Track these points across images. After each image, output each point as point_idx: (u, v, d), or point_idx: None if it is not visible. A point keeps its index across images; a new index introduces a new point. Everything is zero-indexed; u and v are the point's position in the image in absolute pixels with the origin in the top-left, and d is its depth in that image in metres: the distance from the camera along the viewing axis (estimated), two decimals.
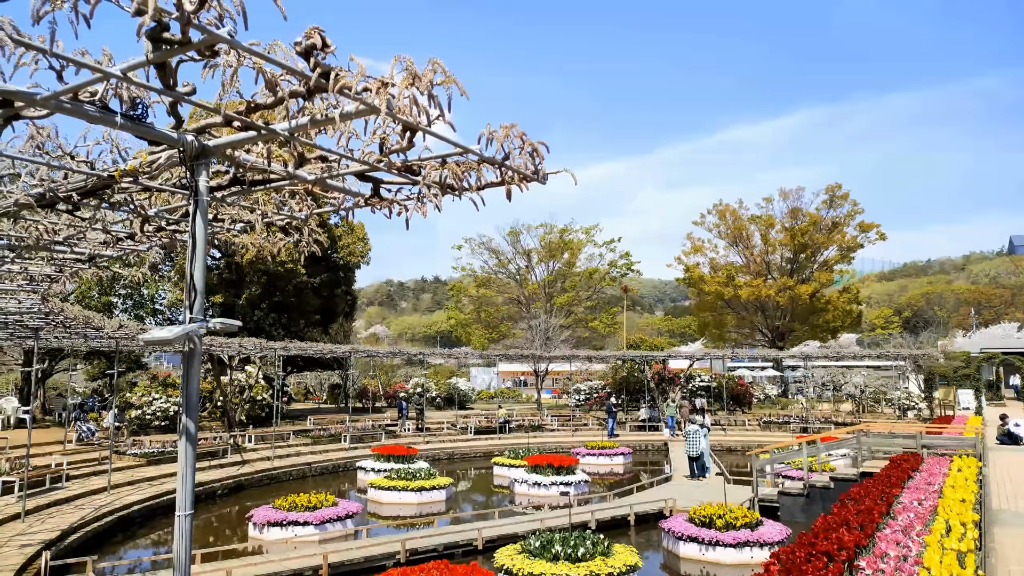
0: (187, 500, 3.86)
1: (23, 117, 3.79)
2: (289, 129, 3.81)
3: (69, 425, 27.39)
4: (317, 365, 46.44)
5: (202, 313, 4.06)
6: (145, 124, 3.82)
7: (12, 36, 2.69)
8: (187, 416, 3.95)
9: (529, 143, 4.28)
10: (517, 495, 21.58)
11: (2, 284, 10.65)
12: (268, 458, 25.53)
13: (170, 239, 6.77)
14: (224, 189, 5.10)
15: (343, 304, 44.60)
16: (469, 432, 34.87)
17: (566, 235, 57.51)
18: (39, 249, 7.09)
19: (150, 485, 20.13)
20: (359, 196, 5.18)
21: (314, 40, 3.00)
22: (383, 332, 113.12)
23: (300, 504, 15.77)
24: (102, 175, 4.66)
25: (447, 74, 3.32)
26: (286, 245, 6.71)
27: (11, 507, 15.67)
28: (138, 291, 38.01)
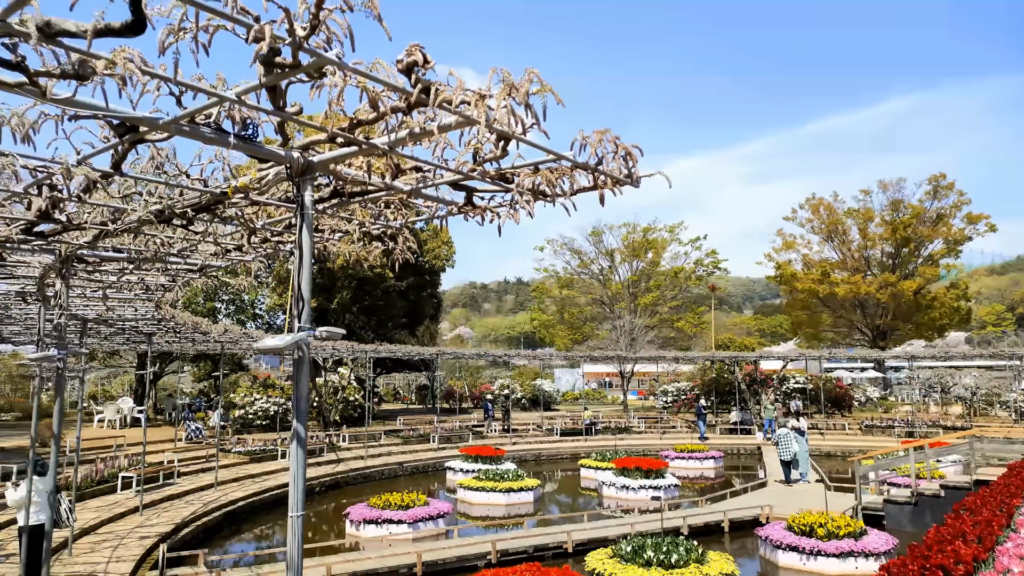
0: (299, 501, 4.03)
1: (146, 140, 4.06)
2: (389, 143, 3.93)
3: (179, 424, 29.15)
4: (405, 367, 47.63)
5: (309, 322, 4.23)
6: (256, 143, 4.02)
7: (141, 68, 2.89)
8: (297, 420, 4.13)
9: (623, 147, 4.25)
10: (605, 498, 21.41)
11: (121, 294, 11.46)
12: (361, 457, 26.33)
13: (274, 249, 7.10)
14: (325, 202, 5.30)
15: (429, 307, 45.58)
16: (555, 434, 34.86)
17: (649, 234, 56.67)
18: (156, 261, 7.59)
19: (253, 482, 21.13)
20: (453, 204, 5.28)
21: (415, 57, 3.08)
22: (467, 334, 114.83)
23: (394, 503, 16.19)
24: (215, 192, 4.94)
25: (543, 83, 3.34)
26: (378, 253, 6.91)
27: (131, 501, 16.80)
28: (239, 297, 40.00)
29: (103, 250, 7.16)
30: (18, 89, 3.09)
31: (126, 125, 3.73)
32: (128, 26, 2.60)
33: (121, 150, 4.14)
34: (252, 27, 2.72)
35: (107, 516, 15.27)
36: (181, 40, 2.92)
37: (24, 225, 6.23)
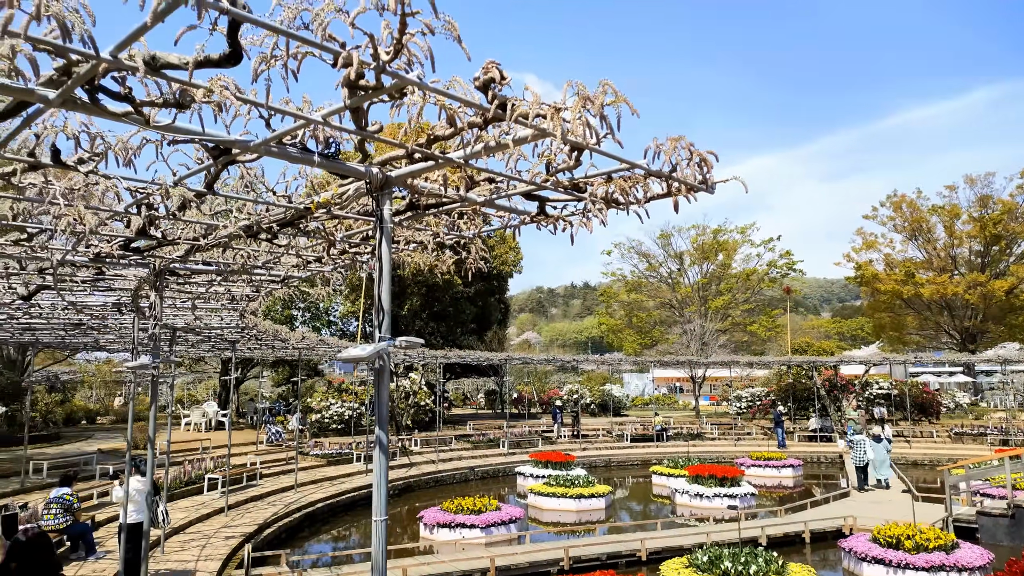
0: (382, 506, 4.16)
1: (237, 161, 4.28)
2: (464, 157, 4.02)
3: (260, 428, 30.29)
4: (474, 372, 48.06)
5: (389, 332, 4.36)
6: (338, 161, 4.18)
7: (235, 94, 3.06)
8: (379, 427, 4.26)
9: (697, 153, 4.21)
10: (678, 506, 21.05)
11: (208, 304, 12.03)
12: (433, 461, 26.74)
13: (351, 260, 7.33)
14: (401, 214, 5.45)
15: (497, 312, 45.93)
16: (625, 439, 34.51)
17: (720, 235, 55.47)
18: (242, 273, 7.95)
19: (331, 484, 21.76)
20: (525, 214, 5.34)
21: (492, 74, 3.15)
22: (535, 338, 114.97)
23: (466, 507, 16.38)
24: (299, 208, 5.15)
25: (618, 94, 3.36)
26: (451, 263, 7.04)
27: (216, 502, 17.57)
28: (315, 304, 41.27)
29: (193, 263, 7.56)
30: (124, 118, 3.32)
31: (220, 148, 3.95)
32: (226, 57, 2.76)
33: (214, 171, 4.39)
34: (339, 53, 2.84)
35: (195, 516, 16.01)
36: (272, 67, 3.08)
37: (122, 241, 6.65)
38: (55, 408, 32.84)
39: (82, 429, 34.43)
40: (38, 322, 14.22)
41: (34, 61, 2.89)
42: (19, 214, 5.91)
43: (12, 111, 3.38)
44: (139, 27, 2.50)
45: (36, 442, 24.96)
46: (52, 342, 21.05)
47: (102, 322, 14.14)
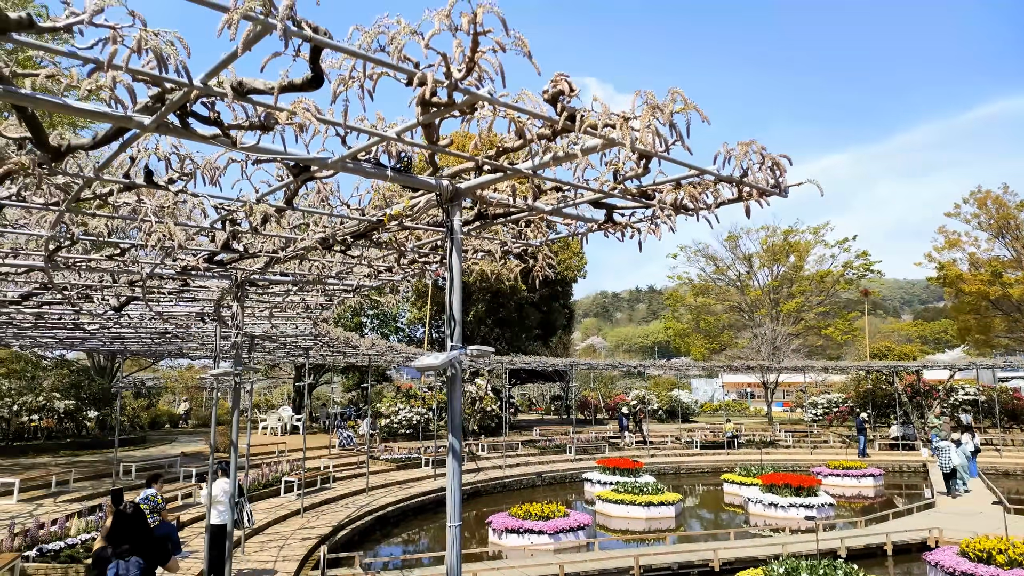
0: (456, 512, 4.24)
1: (315, 178, 4.46)
2: (533, 168, 4.07)
3: (332, 432, 31.12)
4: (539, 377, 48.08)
5: (461, 341, 4.44)
6: (410, 175, 4.30)
7: (315, 116, 3.20)
8: (452, 435, 4.34)
9: (769, 157, 4.14)
10: (752, 516, 20.52)
11: (284, 313, 12.47)
12: (500, 466, 26.87)
13: (420, 269, 7.49)
14: (470, 224, 5.55)
15: (561, 318, 45.84)
16: (694, 446, 33.86)
17: (791, 236, 53.81)
18: (317, 283, 8.22)
19: (400, 488, 22.16)
20: (592, 222, 5.35)
21: (561, 87, 3.19)
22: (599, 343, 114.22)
23: (534, 513, 16.40)
24: (372, 220, 5.31)
25: (687, 102, 3.34)
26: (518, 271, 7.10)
27: (293, 504, 18.13)
28: (382, 311, 42.16)
29: (272, 275, 7.87)
30: (213, 140, 3.51)
31: (300, 166, 4.13)
32: (309, 81, 2.90)
33: (293, 187, 4.58)
34: (413, 73, 2.94)
35: (273, 518, 16.56)
36: (349, 88, 3.20)
37: (207, 254, 6.99)
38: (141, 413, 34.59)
39: (165, 433, 36.13)
40: (127, 331, 15.02)
41: (132, 90, 3.10)
42: (113, 231, 6.29)
43: (111, 136, 3.62)
44: (229, 55, 2.65)
45: (124, 445, 26.31)
46: (139, 350, 22.22)
47: (186, 331, 14.83)
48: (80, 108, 3.17)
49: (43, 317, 11.98)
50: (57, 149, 3.71)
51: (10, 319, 12.15)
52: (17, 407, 25.13)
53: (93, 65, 2.72)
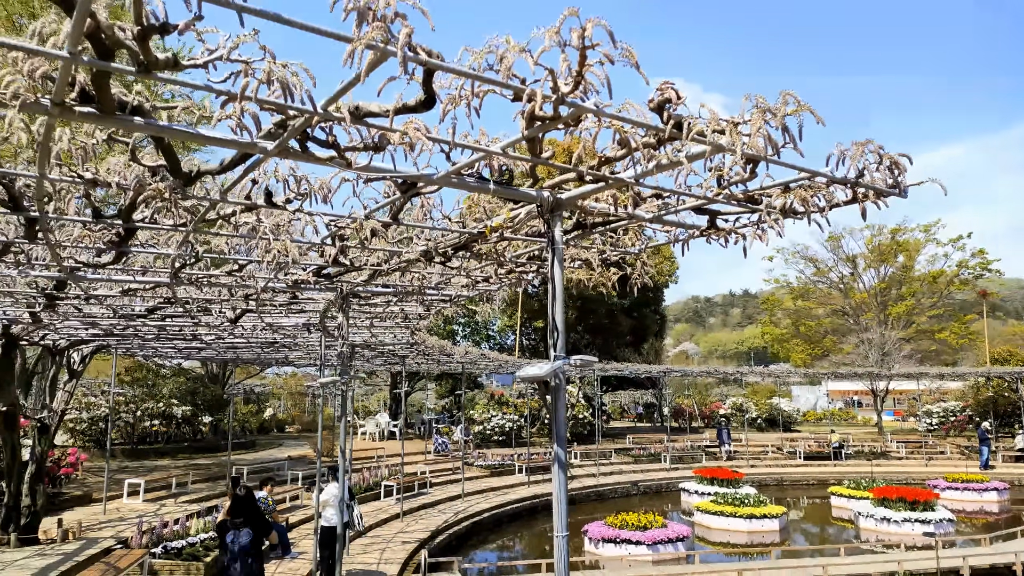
0: (563, 522, 4.24)
1: (420, 193, 4.60)
2: (636, 176, 4.04)
3: (428, 438, 31.80)
4: (631, 384, 47.43)
5: (564, 351, 4.46)
6: (512, 187, 4.36)
7: (426, 135, 3.30)
8: (557, 444, 4.36)
9: (887, 157, 3.95)
10: (862, 531, 19.48)
11: (384, 322, 12.88)
12: (593, 475, 26.67)
13: (518, 279, 7.56)
14: (569, 233, 5.57)
15: (653, 323, 45.16)
16: (798, 457, 32.48)
17: (899, 235, 50.80)
18: (416, 294, 8.45)
19: (495, 495, 22.37)
20: (694, 228, 5.26)
21: (668, 95, 3.17)
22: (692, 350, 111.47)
23: (631, 523, 16.18)
24: (472, 233, 5.42)
25: (800, 103, 3.24)
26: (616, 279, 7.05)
27: (392, 508, 18.64)
28: (474, 319, 42.78)
29: (374, 286, 8.15)
30: (329, 162, 3.68)
31: (407, 182, 4.27)
32: (422, 103, 3.00)
33: (400, 203, 4.74)
34: (521, 89, 2.99)
35: (374, 521, 17.07)
36: (457, 106, 3.29)
37: (315, 268, 7.32)
38: (250, 418, 36.46)
39: (273, 437, 37.94)
40: (239, 341, 15.91)
41: (257, 118, 3.30)
42: (232, 248, 6.70)
43: (237, 161, 3.87)
44: (349, 81, 2.78)
45: (236, 449, 27.80)
46: (250, 358, 23.47)
47: (293, 340, 15.55)
48: (211, 136, 3.40)
49: (165, 329, 12.87)
50: (188, 175, 4.00)
51: (136, 331, 13.11)
52: (140, 412, 27.04)
53: (225, 97, 2.91)
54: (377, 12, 2.41)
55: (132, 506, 16.73)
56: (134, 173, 3.98)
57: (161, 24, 2.37)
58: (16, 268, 7.02)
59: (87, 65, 2.66)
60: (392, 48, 2.45)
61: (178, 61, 2.58)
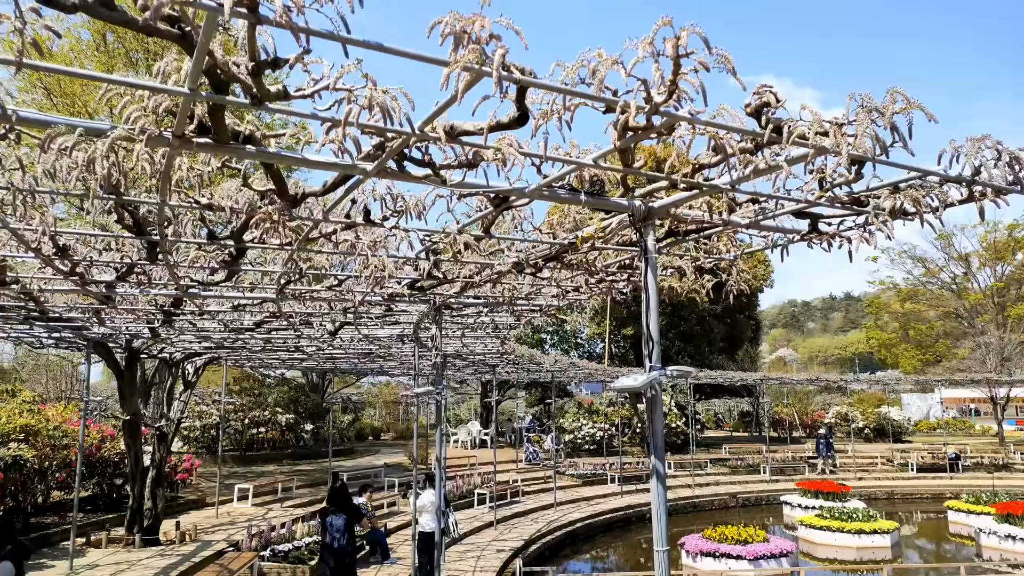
0: (663, 535, 4.17)
1: (512, 206, 4.65)
2: (732, 182, 3.95)
3: (519, 447, 31.93)
4: (725, 392, 46.05)
5: (660, 361, 4.39)
6: (603, 197, 4.35)
7: (518, 150, 3.35)
8: (655, 456, 4.29)
9: (1007, 152, 3.69)
10: (984, 548, 18.09)
11: (475, 332, 13.06)
12: (689, 486, 26.02)
13: (608, 288, 7.51)
14: (661, 241, 5.48)
15: (747, 329, 43.69)
16: (909, 469, 30.58)
17: (1017, 231, 47.12)
18: (507, 305, 8.54)
19: (588, 504, 22.19)
20: (794, 232, 5.07)
21: (766, 99, 3.08)
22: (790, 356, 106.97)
23: (730, 536, 15.67)
24: (563, 243, 5.43)
25: (910, 101, 3.08)
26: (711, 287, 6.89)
27: (486, 516, 18.81)
28: (562, 327, 42.70)
29: (466, 298, 8.29)
30: (424, 180, 3.79)
31: (499, 196, 4.33)
32: (515, 120, 3.05)
33: (492, 216, 4.81)
34: (613, 101, 2.99)
35: (468, 529, 17.27)
36: (548, 120, 3.32)
37: (410, 281, 7.52)
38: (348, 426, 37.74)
39: (369, 444, 39.10)
40: (338, 352, 16.52)
41: (357, 141, 3.44)
42: (333, 264, 6.98)
43: (339, 183, 4.04)
44: (445, 102, 2.86)
45: (335, 456, 28.83)
46: (347, 368, 24.32)
47: (387, 351, 16.01)
48: (315, 161, 3.57)
49: (270, 341, 13.53)
50: (294, 197, 4.21)
51: (244, 343, 13.84)
52: (247, 420, 28.49)
53: (330, 123, 3.05)
54: (472, 35, 2.47)
55: (242, 510, 17.62)
56: (245, 197, 4.22)
57: (272, 59, 2.52)
58: (138, 287, 7.57)
59: (205, 100, 2.85)
60: (487, 69, 2.50)
61: (288, 92, 2.73)
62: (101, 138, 3.19)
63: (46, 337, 12.57)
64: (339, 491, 10.86)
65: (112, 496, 15.95)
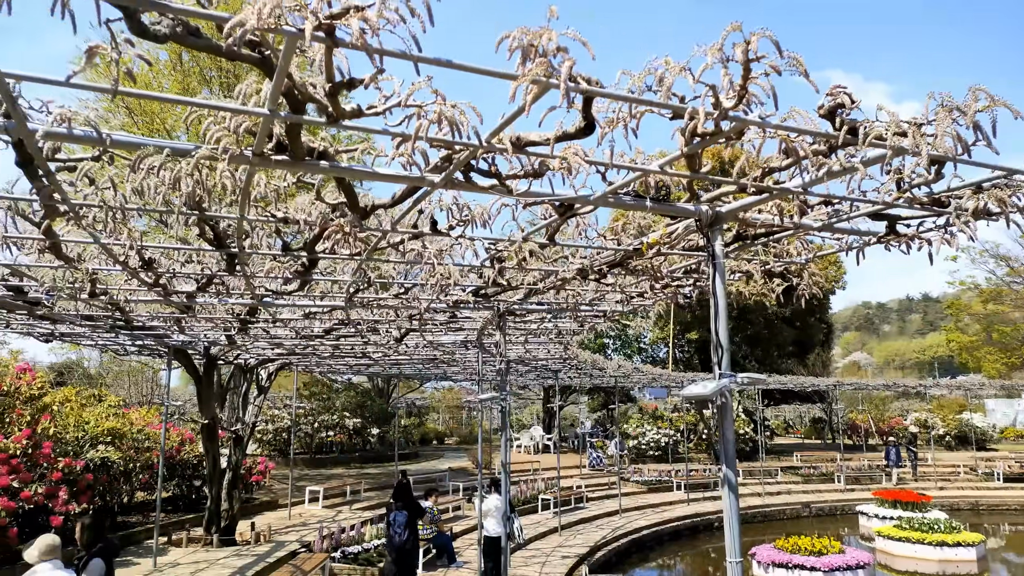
0: (735, 547, 4.09)
1: (576, 214, 4.66)
2: (803, 185, 3.86)
3: (582, 452, 31.76)
4: (795, 398, 44.64)
5: (730, 368, 4.31)
6: (668, 203, 4.31)
7: (584, 158, 3.36)
8: (727, 466, 4.21)
9: None
10: None
11: (537, 338, 13.08)
12: (758, 494, 25.35)
13: (674, 293, 7.42)
14: (728, 246, 5.39)
15: (818, 333, 42.31)
16: (995, 479, 29.01)
17: None
18: (570, 310, 8.53)
19: (653, 512, 21.88)
20: (870, 235, 4.91)
21: (840, 100, 3.00)
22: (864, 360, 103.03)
23: (803, 547, 15.19)
24: (627, 250, 5.40)
25: (993, 99, 2.95)
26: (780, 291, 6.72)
27: (550, 521, 18.78)
28: (625, 332, 42.29)
29: (530, 304, 8.32)
30: (490, 190, 3.84)
31: (565, 204, 4.35)
32: (581, 130, 3.07)
33: (556, 224, 4.83)
34: (681, 108, 2.97)
35: (533, 534, 17.27)
36: (614, 128, 3.32)
37: (474, 289, 7.61)
38: (413, 430, 38.31)
39: (434, 448, 39.58)
40: (403, 358, 16.82)
41: (425, 154, 3.51)
42: (400, 273, 7.13)
43: (407, 195, 4.13)
44: (513, 113, 2.90)
45: (401, 459, 29.34)
46: (411, 374, 24.72)
47: (451, 356, 16.20)
48: (384, 174, 3.66)
49: (339, 347, 13.88)
50: (364, 209, 4.33)
51: (314, 350, 14.24)
52: (317, 424, 29.27)
53: (400, 138, 3.13)
54: (539, 48, 2.49)
55: (312, 512, 18.10)
56: (318, 210, 4.37)
57: (348, 80, 2.60)
58: (216, 297, 7.90)
59: (283, 119, 2.97)
60: (555, 81, 2.52)
61: (361, 110, 2.82)
62: (186, 158, 3.36)
63: (130, 344, 13.24)
64: (403, 488, 11.43)
65: (191, 497, 16.64)
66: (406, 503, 11.08)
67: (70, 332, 10.91)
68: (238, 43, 2.23)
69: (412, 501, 11.26)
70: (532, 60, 2.50)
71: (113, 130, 3.57)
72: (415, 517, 11.15)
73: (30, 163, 3.58)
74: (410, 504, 11.13)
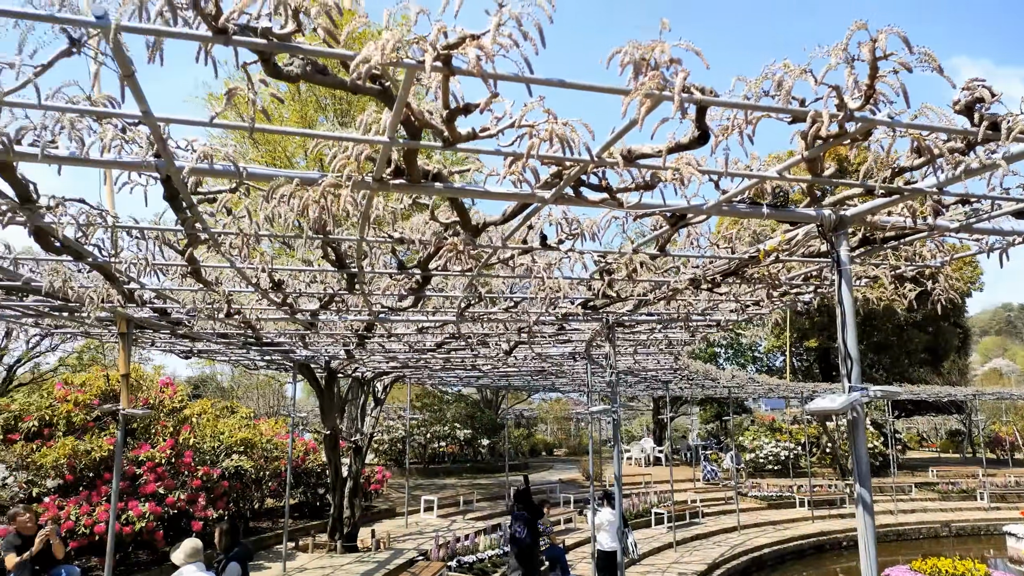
0: (872, 569, 3.85)
1: (688, 223, 4.57)
2: (938, 184, 3.61)
3: (694, 465, 30.84)
4: (929, 409, 41.48)
5: (860, 380, 4.08)
6: (786, 209, 4.14)
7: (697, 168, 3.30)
8: (861, 485, 3.98)
9: None
10: None
11: (647, 349, 12.87)
12: (890, 512, 23.69)
13: (792, 301, 7.11)
14: (854, 250, 5.11)
15: (953, 338, 39.20)
16: None
17: None
18: (681, 321, 8.34)
19: (775, 529, 20.90)
20: (1016, 235, 4.51)
21: (978, 95, 2.80)
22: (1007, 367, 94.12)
23: (944, 570, 14.04)
24: (743, 258, 5.23)
25: None
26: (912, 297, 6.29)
27: (664, 536, 18.33)
28: (738, 340, 40.83)
29: (639, 315, 8.21)
30: (600, 204, 3.83)
31: (676, 215, 4.28)
32: (695, 140, 3.01)
33: (667, 234, 4.75)
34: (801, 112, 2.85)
35: (647, 549, 16.91)
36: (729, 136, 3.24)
37: (582, 301, 7.59)
38: (522, 441, 38.52)
39: (543, 459, 39.62)
40: (512, 370, 16.99)
41: (535, 171, 3.56)
42: (509, 287, 7.23)
43: (517, 211, 4.20)
44: (624, 127, 2.88)
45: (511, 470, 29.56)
46: (520, 385, 24.92)
47: (559, 368, 16.21)
48: (497, 192, 3.74)
49: (450, 360, 14.21)
50: (476, 227, 4.43)
51: (427, 363, 14.65)
52: (429, 435, 30.03)
53: (512, 157, 3.19)
54: (651, 61, 2.48)
55: (428, 520, 18.56)
56: (432, 230, 4.51)
57: (464, 106, 2.69)
58: (337, 314, 8.29)
59: (401, 146, 3.10)
60: (668, 93, 2.50)
61: (476, 133, 2.90)
62: (313, 186, 3.57)
63: (260, 359, 14.11)
64: (523, 492, 12.52)
65: (315, 504, 17.46)
66: (526, 505, 11.87)
67: (207, 349, 11.77)
68: (363, 77, 2.35)
69: (531, 503, 11.98)
70: (644, 74, 2.48)
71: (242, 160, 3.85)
72: (535, 518, 11.76)
73: (176, 197, 3.92)
74: (529, 506, 11.86)
